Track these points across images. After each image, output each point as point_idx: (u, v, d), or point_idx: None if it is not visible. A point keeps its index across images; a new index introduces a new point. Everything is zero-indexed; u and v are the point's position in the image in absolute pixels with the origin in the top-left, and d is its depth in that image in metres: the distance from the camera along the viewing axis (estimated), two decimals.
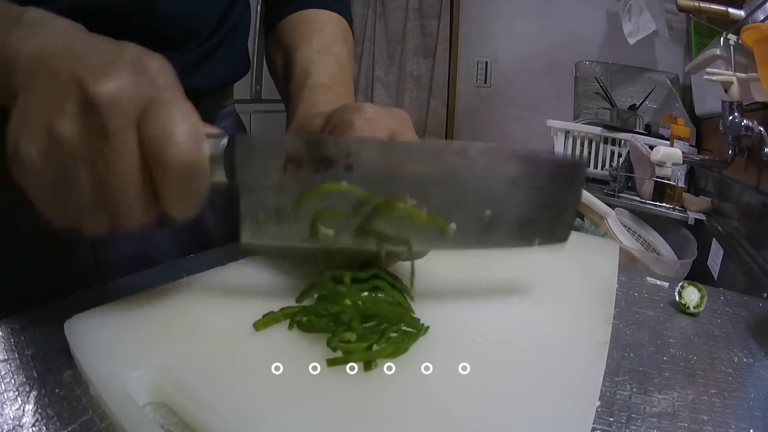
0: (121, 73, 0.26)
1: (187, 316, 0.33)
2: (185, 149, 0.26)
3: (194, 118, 0.27)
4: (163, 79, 0.27)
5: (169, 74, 0.28)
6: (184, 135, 0.26)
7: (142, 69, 0.26)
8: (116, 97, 0.25)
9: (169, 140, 0.25)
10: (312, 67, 0.50)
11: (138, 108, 0.26)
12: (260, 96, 2.24)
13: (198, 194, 0.27)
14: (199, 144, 0.26)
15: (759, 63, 0.87)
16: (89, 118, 0.25)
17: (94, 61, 0.26)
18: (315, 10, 0.57)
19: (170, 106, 0.26)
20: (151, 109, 0.26)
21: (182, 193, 0.27)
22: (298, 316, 0.32)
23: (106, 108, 0.25)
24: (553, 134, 1.63)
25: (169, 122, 0.25)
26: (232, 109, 0.65)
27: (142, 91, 0.26)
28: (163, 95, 0.26)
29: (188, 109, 0.27)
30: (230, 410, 0.25)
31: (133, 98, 0.25)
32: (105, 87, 0.25)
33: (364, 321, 0.31)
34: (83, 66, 0.26)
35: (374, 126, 0.35)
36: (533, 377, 0.29)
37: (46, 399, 0.27)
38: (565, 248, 0.50)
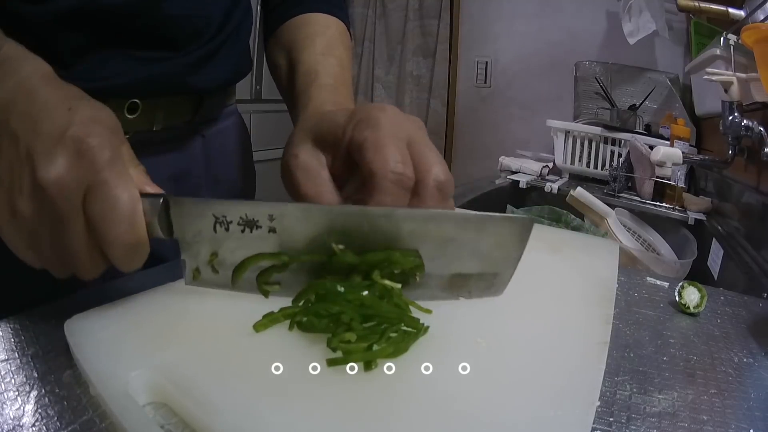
0: (63, 156, 0.29)
1: (187, 317, 0.33)
2: (124, 230, 0.29)
3: (131, 192, 0.30)
4: (102, 156, 0.29)
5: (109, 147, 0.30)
6: (121, 216, 0.29)
7: (83, 152, 0.29)
8: (60, 182, 0.28)
9: (108, 223, 0.29)
10: (318, 68, 0.51)
11: (81, 190, 0.29)
12: (260, 96, 2.24)
13: (139, 256, 0.31)
14: (135, 221, 0.30)
15: (759, 63, 0.87)
16: (41, 197, 0.29)
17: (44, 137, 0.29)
18: (316, 15, 0.58)
19: (108, 186, 0.29)
20: (92, 192, 0.29)
21: (126, 257, 0.31)
22: (298, 316, 0.32)
23: (54, 194, 0.28)
24: (553, 134, 1.63)
25: (107, 205, 0.29)
26: (234, 108, 0.65)
27: (83, 173, 0.29)
28: (102, 174, 0.29)
29: (125, 183, 0.30)
30: (230, 410, 0.25)
31: (75, 182, 0.29)
32: (51, 173, 0.28)
33: (364, 321, 0.31)
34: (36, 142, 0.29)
35: (396, 126, 0.36)
36: (533, 377, 0.29)
37: (46, 399, 0.27)
38: (565, 248, 0.50)
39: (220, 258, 0.34)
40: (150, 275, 0.41)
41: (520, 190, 1.50)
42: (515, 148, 1.85)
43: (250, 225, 0.33)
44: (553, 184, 1.48)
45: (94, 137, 0.30)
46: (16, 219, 0.29)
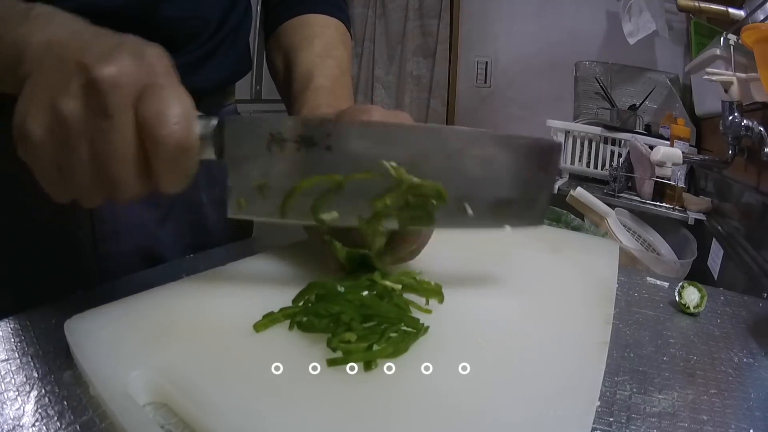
0: (122, 58, 0.28)
1: (187, 317, 0.33)
2: (177, 129, 0.28)
3: (187, 101, 0.29)
4: (159, 65, 0.29)
5: (166, 62, 0.30)
6: (176, 116, 0.28)
7: (141, 56, 0.29)
8: (116, 79, 0.27)
9: (162, 120, 0.28)
10: (315, 70, 0.51)
11: (136, 90, 0.28)
12: (260, 96, 2.24)
13: (187, 170, 0.30)
14: (189, 124, 0.28)
15: (759, 63, 0.87)
16: (91, 97, 0.27)
17: (98, 47, 0.28)
18: (315, 15, 0.58)
19: (165, 90, 0.28)
20: (148, 92, 0.28)
21: (173, 168, 0.29)
22: (298, 316, 0.32)
23: (107, 89, 0.27)
24: (553, 134, 1.63)
25: (164, 104, 0.28)
26: (234, 108, 0.65)
27: (140, 75, 0.28)
28: (159, 80, 0.28)
29: (182, 93, 0.29)
30: (230, 410, 0.25)
31: (131, 81, 0.27)
32: (107, 70, 0.27)
33: (364, 321, 0.31)
34: (87, 52, 0.28)
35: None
36: (533, 377, 0.29)
37: (46, 399, 0.27)
38: (565, 248, 0.50)
39: (271, 181, 0.33)
40: (150, 275, 0.41)
41: None
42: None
43: (306, 142, 0.32)
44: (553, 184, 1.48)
45: (152, 48, 0.29)
46: (55, 126, 0.27)
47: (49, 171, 0.29)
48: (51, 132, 0.27)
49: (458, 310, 0.35)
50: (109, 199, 0.30)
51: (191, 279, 0.38)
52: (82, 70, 0.27)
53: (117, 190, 0.29)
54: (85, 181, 0.29)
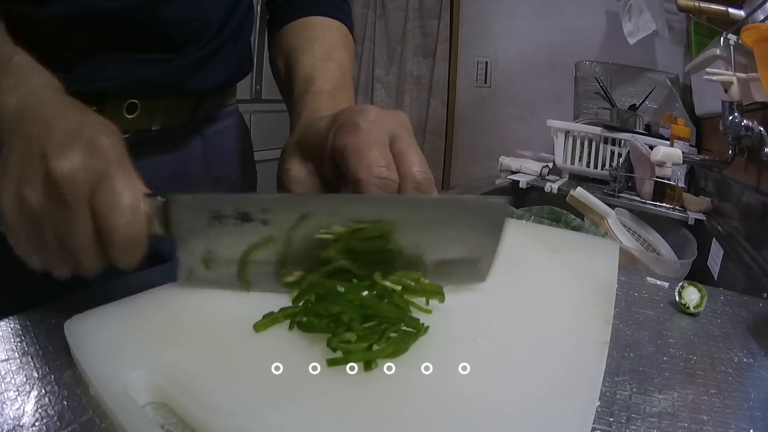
0: (76, 151, 0.30)
1: (187, 317, 0.33)
2: (125, 220, 0.31)
3: (136, 189, 0.32)
4: (112, 153, 0.32)
5: (118, 147, 0.32)
6: (125, 207, 0.31)
7: (94, 146, 0.31)
8: (71, 174, 0.30)
9: (112, 213, 0.30)
10: (315, 74, 0.51)
11: (90, 183, 0.30)
12: (260, 96, 2.24)
13: (138, 251, 0.32)
14: (137, 213, 0.31)
15: (759, 63, 0.87)
16: (51, 188, 0.30)
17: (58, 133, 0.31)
18: (317, 17, 0.57)
19: (115, 181, 0.31)
20: (101, 185, 0.30)
21: (125, 251, 0.32)
22: (298, 316, 0.32)
23: (63, 183, 0.30)
24: (553, 134, 1.63)
25: (113, 196, 0.30)
26: (235, 108, 0.65)
27: (93, 167, 0.31)
28: (110, 170, 0.31)
29: (130, 180, 0.32)
30: (230, 410, 0.25)
31: (85, 175, 0.30)
32: (63, 165, 0.30)
33: (364, 321, 0.31)
34: (49, 138, 0.31)
35: (377, 127, 0.37)
36: (533, 377, 0.29)
37: (46, 399, 0.27)
38: (565, 248, 0.50)
39: (214, 254, 0.35)
40: (150, 275, 0.41)
41: (520, 190, 1.50)
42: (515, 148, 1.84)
43: (243, 218, 0.34)
44: (553, 184, 1.48)
45: (106, 137, 0.32)
46: (23, 211, 0.30)
47: (21, 243, 0.32)
48: (20, 213, 0.31)
49: (458, 310, 0.35)
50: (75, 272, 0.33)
51: None
52: (43, 161, 0.30)
53: (79, 266, 0.32)
54: (51, 256, 0.32)
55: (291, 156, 0.41)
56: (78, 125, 0.32)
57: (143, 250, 0.33)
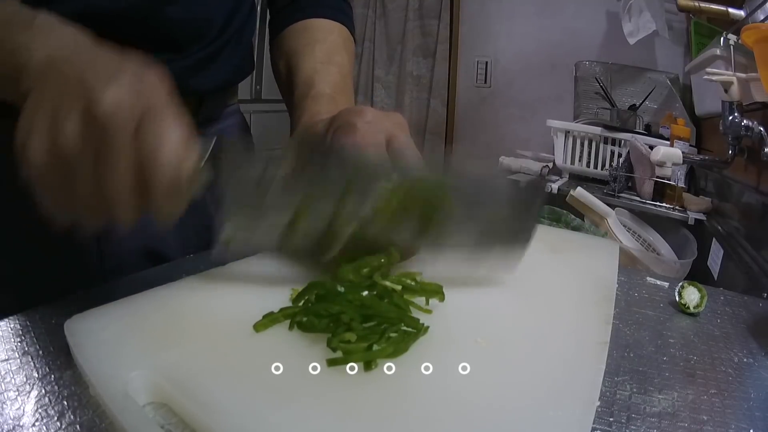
0: (122, 83, 0.28)
1: (187, 317, 0.33)
2: (172, 161, 0.28)
3: (184, 128, 0.29)
4: (159, 91, 0.29)
5: (165, 86, 0.30)
6: (173, 147, 0.28)
7: (141, 81, 0.29)
8: (116, 106, 0.27)
9: (159, 150, 0.28)
10: (315, 77, 0.51)
11: (135, 117, 0.28)
12: (260, 96, 2.24)
13: (181, 200, 0.30)
14: (185, 155, 0.29)
15: (759, 63, 0.87)
16: (93, 122, 0.27)
17: (100, 69, 0.28)
18: (318, 20, 0.58)
19: (163, 118, 0.28)
20: (147, 119, 0.28)
21: (168, 197, 0.29)
22: (298, 316, 0.32)
23: (107, 116, 0.27)
24: (553, 134, 1.63)
25: (161, 134, 0.28)
26: (237, 108, 0.66)
27: (140, 101, 0.28)
28: (158, 107, 0.29)
29: (179, 119, 0.29)
30: (230, 410, 0.25)
31: (130, 109, 0.28)
32: (107, 96, 0.27)
33: (364, 321, 0.31)
34: (89, 73, 0.28)
35: (374, 128, 0.37)
36: (533, 377, 0.29)
37: (46, 399, 0.27)
38: (565, 248, 0.50)
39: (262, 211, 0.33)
40: (150, 275, 0.41)
41: None
42: (515, 148, 1.85)
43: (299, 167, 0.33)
44: (553, 184, 1.48)
45: (152, 73, 0.30)
46: (57, 151, 0.28)
47: (50, 192, 0.29)
48: (51, 155, 0.28)
49: (458, 310, 0.35)
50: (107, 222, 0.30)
51: (191, 279, 0.38)
52: (83, 94, 0.27)
53: (116, 215, 0.29)
54: (84, 204, 0.29)
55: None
56: (120, 62, 0.29)
57: (186, 203, 0.30)
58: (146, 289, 0.36)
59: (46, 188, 0.29)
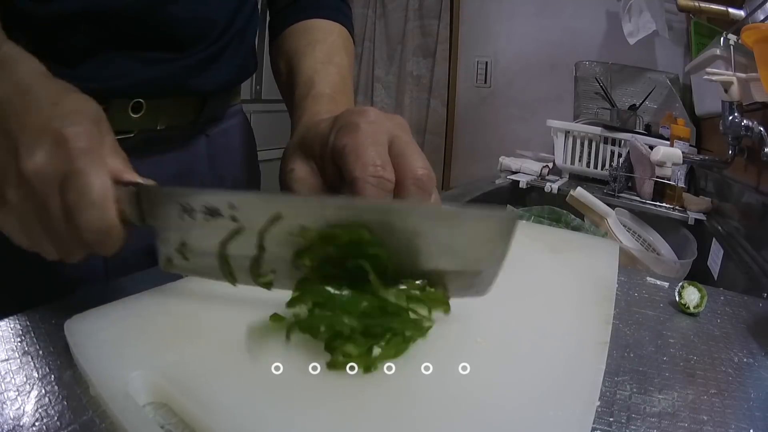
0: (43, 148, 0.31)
1: (187, 317, 0.33)
2: (93, 214, 0.31)
3: (104, 182, 0.31)
4: (80, 145, 0.31)
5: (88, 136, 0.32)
6: (93, 201, 0.30)
7: (60, 142, 0.31)
8: (39, 171, 0.30)
9: (80, 207, 0.30)
10: (316, 78, 0.51)
11: (57, 178, 0.31)
12: (260, 96, 2.24)
13: (114, 241, 0.32)
14: (105, 207, 0.31)
15: (759, 63, 0.87)
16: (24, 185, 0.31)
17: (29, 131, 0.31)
18: (318, 20, 0.58)
19: (81, 176, 0.30)
20: (67, 179, 0.30)
21: (100, 242, 0.32)
22: (294, 329, 0.30)
23: (32, 181, 0.30)
24: (553, 134, 1.63)
25: (80, 192, 0.30)
26: (239, 108, 0.66)
27: (60, 163, 0.31)
28: (77, 165, 0.31)
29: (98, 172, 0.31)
30: (230, 410, 0.25)
31: (52, 171, 0.30)
32: (30, 163, 0.30)
33: (364, 331, 0.30)
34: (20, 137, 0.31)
35: (376, 128, 0.37)
36: (533, 377, 0.29)
37: (46, 399, 0.27)
38: (565, 248, 0.50)
39: (188, 245, 0.35)
40: (150, 275, 0.41)
41: (520, 190, 1.50)
42: (515, 148, 1.85)
43: (212, 213, 0.33)
44: (553, 184, 1.48)
45: (73, 127, 0.31)
46: (7, 206, 0.32)
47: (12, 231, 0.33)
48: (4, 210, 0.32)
49: (458, 309, 0.35)
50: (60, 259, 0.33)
51: (191, 279, 0.38)
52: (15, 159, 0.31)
53: (64, 256, 0.33)
54: (39, 243, 0.33)
55: (294, 157, 0.41)
56: (48, 116, 0.32)
57: (119, 239, 0.33)
58: (147, 290, 0.36)
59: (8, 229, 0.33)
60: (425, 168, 0.36)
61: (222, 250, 0.34)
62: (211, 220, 0.33)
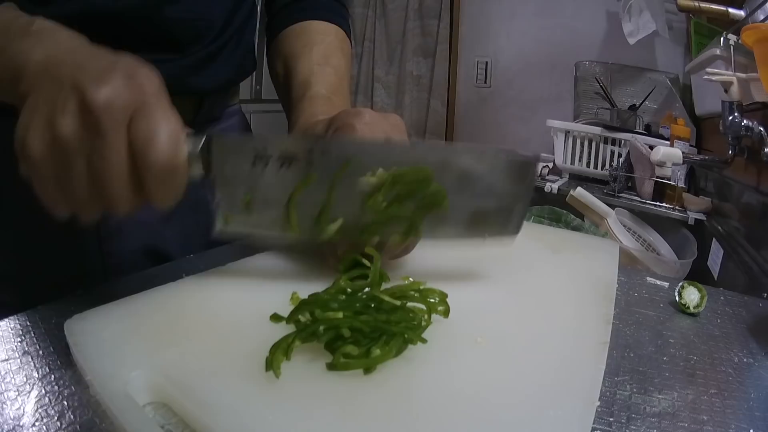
0: (114, 80, 0.29)
1: (187, 317, 0.33)
2: (165, 150, 0.29)
3: (175, 121, 0.30)
4: (150, 86, 0.30)
5: (156, 82, 0.31)
6: (165, 137, 0.29)
7: (132, 77, 0.30)
8: (109, 101, 0.28)
9: (151, 142, 0.29)
10: (312, 79, 0.51)
11: (128, 111, 0.29)
12: (260, 96, 2.24)
13: (176, 188, 0.31)
14: (177, 145, 0.30)
15: (759, 63, 0.87)
16: (86, 118, 0.28)
17: (93, 68, 0.29)
18: (315, 22, 0.58)
19: (154, 112, 0.29)
20: (138, 114, 0.29)
21: (163, 186, 0.30)
22: (296, 341, 0.30)
23: (100, 110, 0.28)
24: (553, 134, 1.63)
25: (152, 126, 0.29)
26: (238, 108, 0.66)
27: (132, 96, 0.29)
28: (150, 101, 0.30)
29: (170, 113, 0.30)
30: (230, 410, 0.25)
31: (123, 102, 0.29)
32: (100, 91, 0.28)
33: (364, 336, 0.30)
34: (83, 73, 0.29)
35: (372, 129, 0.38)
36: (533, 377, 0.29)
37: (46, 399, 0.27)
38: (565, 248, 0.50)
39: (256, 197, 0.34)
40: (150, 275, 0.41)
41: None
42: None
43: (288, 159, 0.33)
44: (553, 184, 1.48)
45: (143, 69, 0.31)
46: (54, 146, 0.29)
47: (49, 186, 0.30)
48: (49, 149, 0.29)
49: (458, 309, 0.35)
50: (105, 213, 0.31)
51: (192, 279, 0.38)
52: (77, 91, 0.28)
53: (113, 205, 0.30)
54: (82, 196, 0.30)
55: None
56: (113, 61, 0.31)
57: (181, 188, 0.31)
58: (146, 289, 0.36)
59: (45, 182, 0.30)
60: None
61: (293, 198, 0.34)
62: (285, 168, 0.33)
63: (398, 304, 0.32)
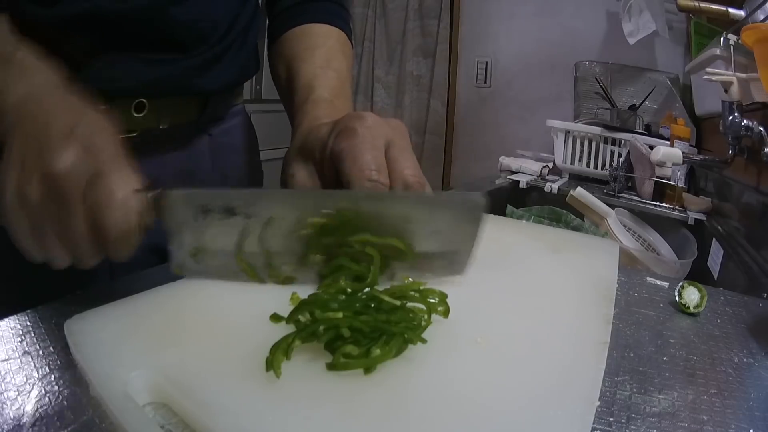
0: (72, 151, 0.32)
1: (187, 317, 0.33)
2: (117, 216, 0.32)
3: (128, 184, 0.33)
4: (106, 152, 0.33)
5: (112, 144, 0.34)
6: (118, 204, 0.32)
7: (90, 144, 0.33)
8: (67, 172, 0.31)
9: (106, 209, 0.32)
10: (315, 82, 0.52)
11: (84, 180, 0.32)
12: (260, 96, 2.24)
13: (131, 245, 0.34)
14: (129, 211, 0.32)
15: (759, 63, 0.87)
16: (49, 184, 0.32)
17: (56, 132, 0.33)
18: (317, 25, 0.58)
19: (108, 178, 0.32)
20: (93, 182, 0.32)
21: (118, 244, 0.33)
22: (296, 341, 0.30)
23: (60, 179, 0.31)
24: (553, 134, 1.63)
25: (106, 193, 0.32)
26: (241, 108, 0.66)
27: (89, 164, 0.32)
28: (104, 169, 0.32)
29: (124, 177, 0.33)
30: (230, 410, 0.25)
31: (80, 173, 0.32)
32: (59, 164, 0.31)
33: (364, 336, 0.30)
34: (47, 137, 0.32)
35: (374, 133, 0.38)
36: (533, 377, 0.29)
37: (46, 399, 0.27)
38: (565, 248, 0.50)
39: (203, 247, 0.36)
40: (150, 275, 0.41)
41: (520, 190, 1.50)
42: (515, 148, 1.85)
43: (228, 212, 0.35)
44: (553, 184, 1.48)
45: (100, 135, 0.33)
46: (25, 206, 0.32)
47: (22, 237, 0.33)
48: (21, 208, 0.32)
49: (458, 310, 0.35)
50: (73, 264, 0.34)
51: (191, 279, 0.38)
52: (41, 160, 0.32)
53: (77, 259, 0.34)
54: (51, 248, 0.33)
55: (294, 162, 0.42)
56: (73, 125, 0.33)
57: (136, 243, 0.34)
58: (146, 289, 0.36)
59: (19, 233, 0.33)
60: (416, 174, 0.38)
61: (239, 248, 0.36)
62: (226, 219, 0.35)
63: (398, 304, 0.32)
